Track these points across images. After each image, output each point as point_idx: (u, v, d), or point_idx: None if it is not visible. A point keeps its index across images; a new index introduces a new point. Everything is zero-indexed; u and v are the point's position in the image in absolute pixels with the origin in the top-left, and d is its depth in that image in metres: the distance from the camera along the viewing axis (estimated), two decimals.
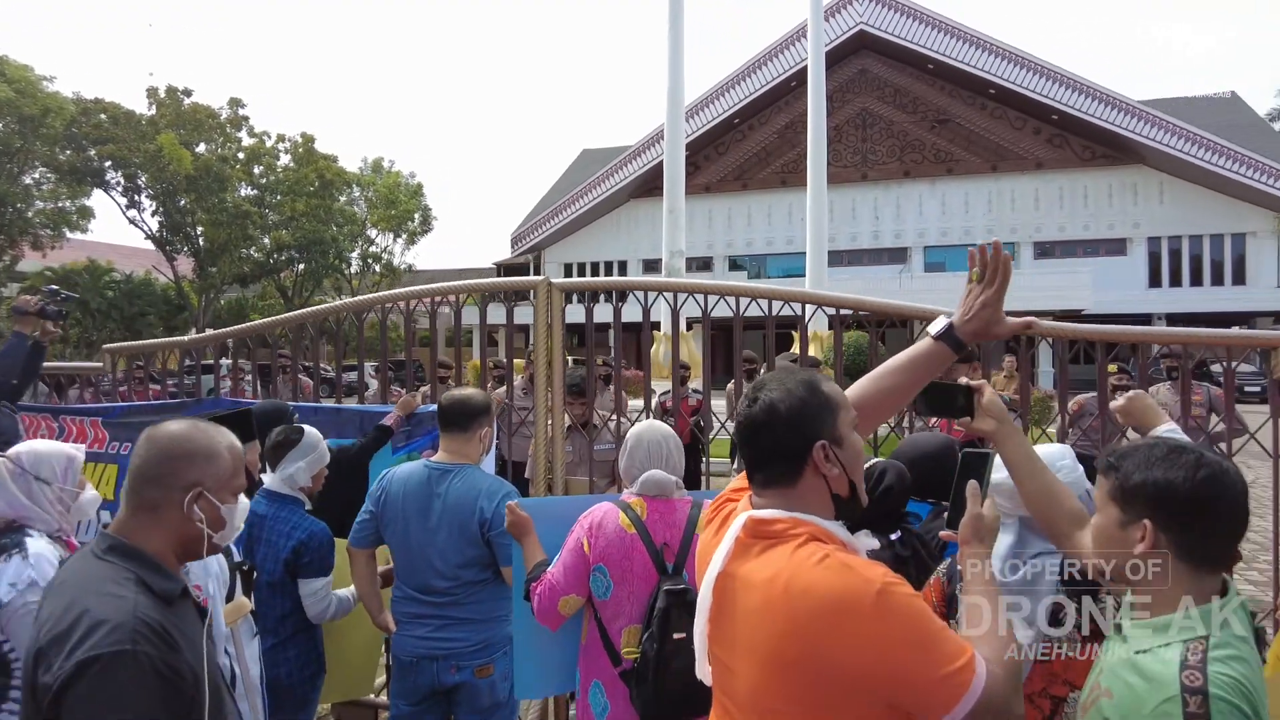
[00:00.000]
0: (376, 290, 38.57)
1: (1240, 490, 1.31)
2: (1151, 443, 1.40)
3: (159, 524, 1.47)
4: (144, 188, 28.95)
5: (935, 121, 32.29)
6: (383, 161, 38.60)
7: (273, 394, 6.63)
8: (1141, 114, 28.27)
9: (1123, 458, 1.39)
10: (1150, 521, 1.31)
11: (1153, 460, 1.34)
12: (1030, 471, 1.65)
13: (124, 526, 1.46)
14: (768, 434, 1.37)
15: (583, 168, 39.62)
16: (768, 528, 1.33)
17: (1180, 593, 1.31)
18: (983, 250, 1.56)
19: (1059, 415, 3.45)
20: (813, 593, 1.21)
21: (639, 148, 33.56)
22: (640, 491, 2.30)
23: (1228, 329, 2.79)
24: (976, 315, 1.57)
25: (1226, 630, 1.26)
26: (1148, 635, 1.32)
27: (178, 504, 1.47)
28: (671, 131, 11.68)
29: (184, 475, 1.49)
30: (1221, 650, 1.22)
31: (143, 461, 1.49)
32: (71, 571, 1.41)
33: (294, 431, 2.83)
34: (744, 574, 1.32)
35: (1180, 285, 30.68)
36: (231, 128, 31.32)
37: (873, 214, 33.42)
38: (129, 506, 1.48)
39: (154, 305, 29.91)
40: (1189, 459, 1.31)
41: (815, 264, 13.33)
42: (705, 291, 3.35)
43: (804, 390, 1.37)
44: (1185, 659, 1.22)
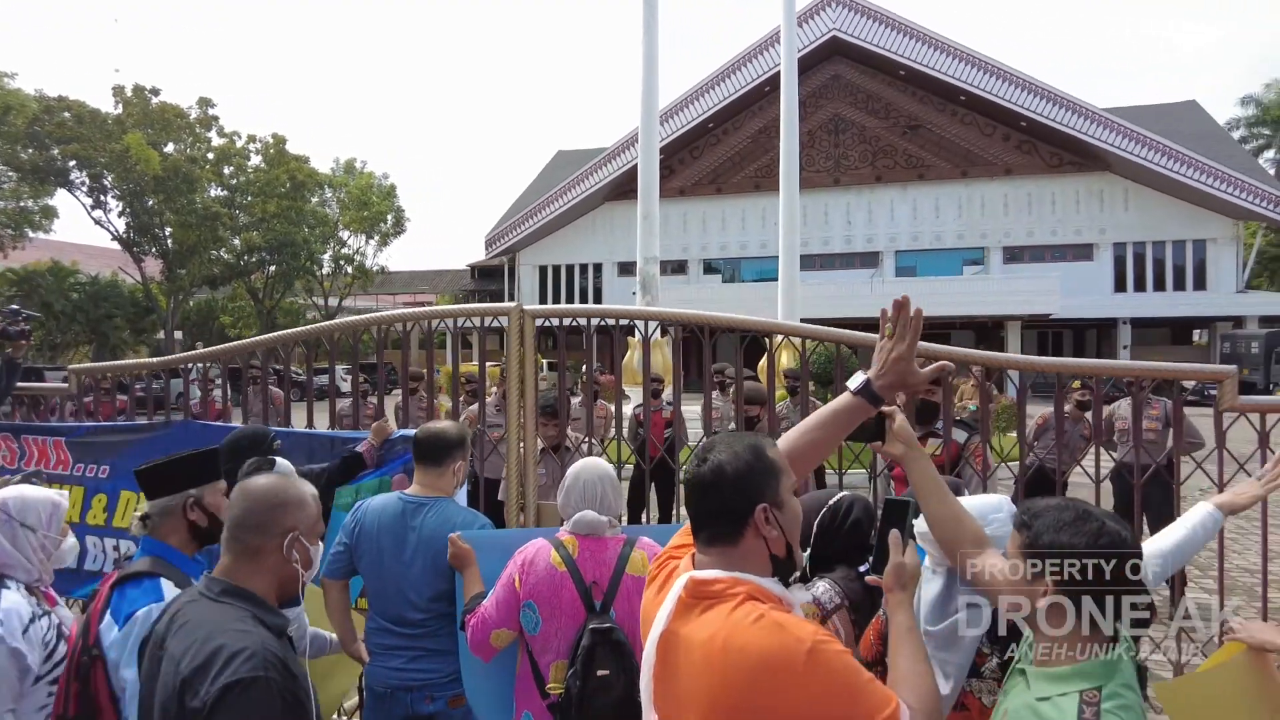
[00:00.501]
0: (348, 292, 38.24)
1: (1134, 558, 1.45)
2: (1061, 505, 1.51)
3: (261, 568, 1.67)
4: (110, 188, 28.43)
5: (907, 127, 32.69)
6: (355, 162, 38.30)
7: (243, 404, 6.57)
8: (1106, 122, 28.86)
9: (1035, 517, 1.51)
10: (1053, 581, 1.45)
11: (1061, 524, 1.46)
12: (936, 495, 1.77)
13: (231, 571, 1.66)
14: (714, 494, 1.44)
15: (558, 169, 39.58)
16: (708, 588, 1.39)
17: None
18: (895, 306, 1.66)
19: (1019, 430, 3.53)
20: (748, 651, 1.29)
21: (614, 150, 33.60)
22: (573, 530, 2.38)
23: (1174, 364, 2.88)
24: (890, 369, 1.65)
25: (1117, 680, 1.39)
26: (1048, 683, 1.43)
27: (277, 548, 1.68)
28: (645, 138, 11.72)
29: (281, 522, 1.70)
30: (1112, 701, 1.36)
31: (244, 512, 1.69)
32: (195, 612, 1.59)
33: (265, 463, 2.83)
34: (686, 633, 1.38)
35: (1144, 290, 31.36)
36: (201, 128, 30.89)
37: (845, 219, 33.76)
38: (232, 553, 1.67)
39: (121, 307, 29.36)
40: (1090, 527, 1.44)
41: (788, 268, 13.40)
42: (676, 321, 3.39)
43: (750, 455, 1.45)
44: (1081, 710, 1.35)
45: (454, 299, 47.03)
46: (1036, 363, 2.97)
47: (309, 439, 3.72)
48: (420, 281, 52.07)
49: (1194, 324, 33.82)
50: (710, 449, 1.49)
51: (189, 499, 2.24)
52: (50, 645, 2.21)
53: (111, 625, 2.00)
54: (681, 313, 3.42)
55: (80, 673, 2.00)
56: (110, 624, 2.01)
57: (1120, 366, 2.96)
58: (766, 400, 3.95)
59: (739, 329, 3.35)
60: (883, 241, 33.45)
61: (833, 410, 1.67)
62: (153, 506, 2.27)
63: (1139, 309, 30.64)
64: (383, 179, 38.18)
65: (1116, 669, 1.41)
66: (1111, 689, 1.38)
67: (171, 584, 2.08)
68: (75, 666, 2.02)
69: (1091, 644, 1.44)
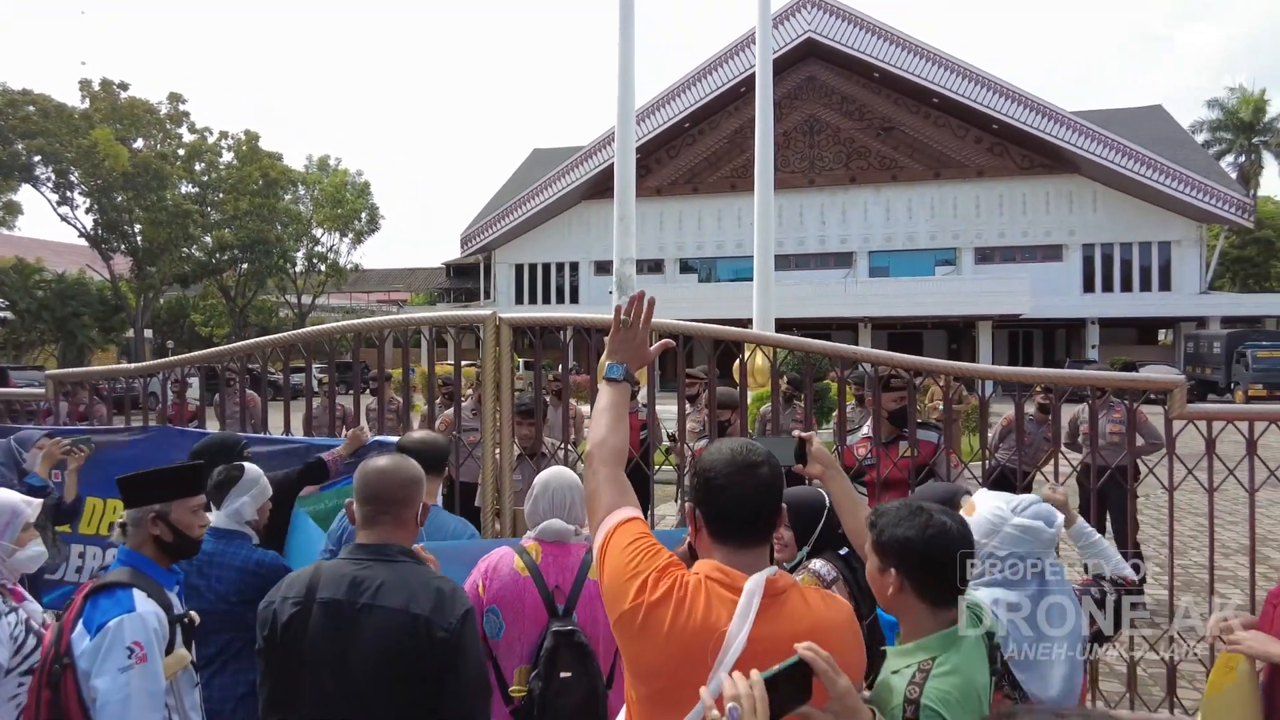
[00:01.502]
0: (322, 290, 37.85)
1: (960, 542, 1.64)
2: (899, 504, 1.70)
3: (407, 533, 2.00)
4: (77, 184, 27.88)
5: (881, 129, 33.04)
6: (329, 160, 37.87)
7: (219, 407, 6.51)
8: (1075, 125, 29.39)
9: (880, 516, 1.69)
10: (895, 569, 1.63)
11: (898, 520, 1.65)
12: (850, 508, 2.07)
13: (390, 537, 1.95)
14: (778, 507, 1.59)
15: (534, 167, 39.48)
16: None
17: (923, 622, 1.62)
18: (631, 300, 1.88)
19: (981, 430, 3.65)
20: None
21: (591, 149, 33.60)
22: (538, 537, 2.43)
23: (1126, 374, 3.00)
24: (628, 350, 1.87)
25: (953, 651, 1.57)
26: (898, 658, 1.62)
27: (413, 518, 2.01)
28: (622, 139, 11.76)
29: (419, 497, 2.03)
30: (941, 668, 1.53)
31: (392, 488, 1.96)
32: (386, 573, 1.88)
33: (234, 469, 2.89)
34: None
35: (1112, 290, 31.98)
36: (171, 123, 30.36)
37: (819, 219, 34.06)
38: (383, 524, 1.95)
39: (88, 306, 28.76)
40: (921, 520, 1.63)
41: (762, 269, 13.50)
42: (652, 330, 3.45)
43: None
44: (913, 676, 1.54)
45: (429, 297, 46.73)
46: (996, 371, 3.07)
47: (283, 445, 3.73)
48: (395, 280, 51.69)
49: (1160, 324, 34.55)
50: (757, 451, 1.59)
51: (152, 513, 2.26)
52: (19, 640, 2.24)
53: (84, 635, 2.04)
54: (658, 322, 3.47)
55: (51, 680, 2.03)
56: (82, 633, 2.04)
57: (1075, 376, 3.07)
58: (738, 405, 4.03)
59: (712, 338, 3.42)
60: (856, 242, 33.78)
61: (612, 403, 1.81)
62: (128, 515, 2.30)
63: (1106, 309, 31.24)
64: (356, 176, 37.80)
65: (956, 641, 1.59)
66: (945, 658, 1.55)
67: (144, 595, 2.11)
68: (47, 675, 2.05)
69: (933, 621, 1.62)
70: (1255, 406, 2.87)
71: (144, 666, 2.00)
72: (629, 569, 1.49)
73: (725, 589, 1.45)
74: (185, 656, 2.16)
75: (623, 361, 1.85)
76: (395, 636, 1.80)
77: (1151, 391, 3.04)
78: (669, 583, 1.45)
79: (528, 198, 35.19)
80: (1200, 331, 29.41)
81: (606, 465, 1.70)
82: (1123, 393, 6.37)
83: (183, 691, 2.20)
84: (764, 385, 9.60)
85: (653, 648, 1.42)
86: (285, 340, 3.74)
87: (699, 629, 1.40)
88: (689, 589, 1.44)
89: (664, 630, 1.41)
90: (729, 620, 1.40)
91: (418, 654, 1.79)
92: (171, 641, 2.16)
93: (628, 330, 1.86)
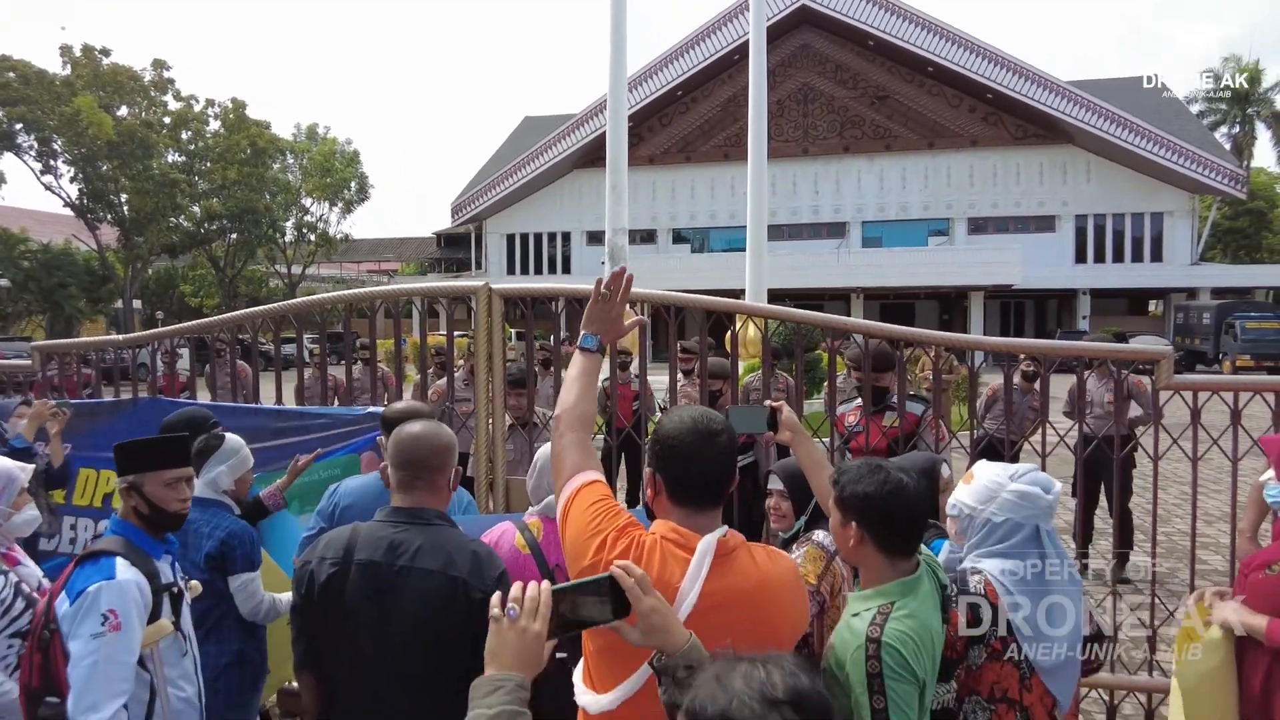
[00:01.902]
0: (312, 260, 37.58)
1: (916, 498, 1.76)
2: (860, 463, 1.82)
3: (441, 497, 2.05)
4: (60, 152, 27.46)
5: (875, 98, 32.78)
6: (317, 128, 37.38)
7: (209, 379, 6.48)
8: (1070, 95, 29.23)
9: (842, 474, 1.83)
10: (856, 523, 1.76)
11: (859, 477, 1.77)
12: (817, 471, 2.20)
13: (425, 500, 2.01)
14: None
15: (525, 136, 39.06)
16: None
17: (882, 570, 1.76)
18: (613, 276, 1.91)
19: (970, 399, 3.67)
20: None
21: (583, 117, 33.25)
22: (541, 513, 2.40)
23: (1114, 345, 3.02)
24: (604, 322, 1.91)
25: (911, 597, 1.71)
26: (858, 602, 1.77)
27: (446, 483, 2.06)
28: (614, 107, 11.63)
29: (450, 462, 2.07)
30: (900, 611, 1.67)
31: (428, 454, 2.01)
32: (423, 536, 1.93)
33: (214, 438, 2.92)
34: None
35: (1104, 261, 32.04)
36: (156, 91, 29.85)
37: (813, 189, 33.89)
38: (418, 489, 2.00)
39: (75, 276, 28.43)
40: (880, 477, 1.75)
41: (755, 239, 13.42)
42: (643, 301, 3.45)
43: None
44: (874, 618, 1.67)
45: (420, 267, 46.44)
46: (985, 342, 3.09)
47: (276, 414, 3.73)
48: (385, 249, 51.33)
49: (1150, 295, 34.69)
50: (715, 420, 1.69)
51: (124, 484, 2.27)
52: (6, 602, 2.28)
53: (64, 600, 2.07)
54: (649, 293, 3.48)
55: (41, 644, 2.08)
56: (63, 599, 2.08)
57: (1064, 347, 3.09)
58: (729, 375, 4.05)
59: (704, 309, 3.42)
60: (850, 212, 33.68)
61: (583, 370, 1.87)
62: (119, 484, 2.30)
63: (1098, 280, 31.32)
64: (346, 145, 37.37)
65: (913, 588, 1.73)
66: (903, 603, 1.69)
67: (127, 564, 2.12)
68: (37, 639, 2.10)
69: (891, 571, 1.75)
70: (1240, 377, 2.90)
71: (117, 635, 2.01)
72: (590, 528, 1.57)
73: (679, 548, 1.54)
74: (166, 627, 2.17)
75: (597, 333, 1.90)
76: (433, 598, 1.86)
77: (1139, 362, 3.06)
78: (626, 542, 1.54)
79: (519, 166, 34.86)
80: (1190, 303, 29.54)
81: (573, 430, 1.76)
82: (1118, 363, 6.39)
83: (164, 660, 2.21)
84: (755, 356, 9.61)
85: None
86: (276, 311, 3.73)
87: (654, 585, 1.46)
88: (645, 548, 1.54)
89: None
90: (682, 577, 1.49)
91: (456, 615, 1.85)
92: (157, 611, 2.18)
93: (605, 303, 1.90)
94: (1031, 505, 1.94)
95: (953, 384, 10.68)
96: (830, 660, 1.76)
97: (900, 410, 3.53)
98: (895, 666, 1.61)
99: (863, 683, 1.62)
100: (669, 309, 3.50)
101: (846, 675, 1.67)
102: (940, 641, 1.76)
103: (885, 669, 1.61)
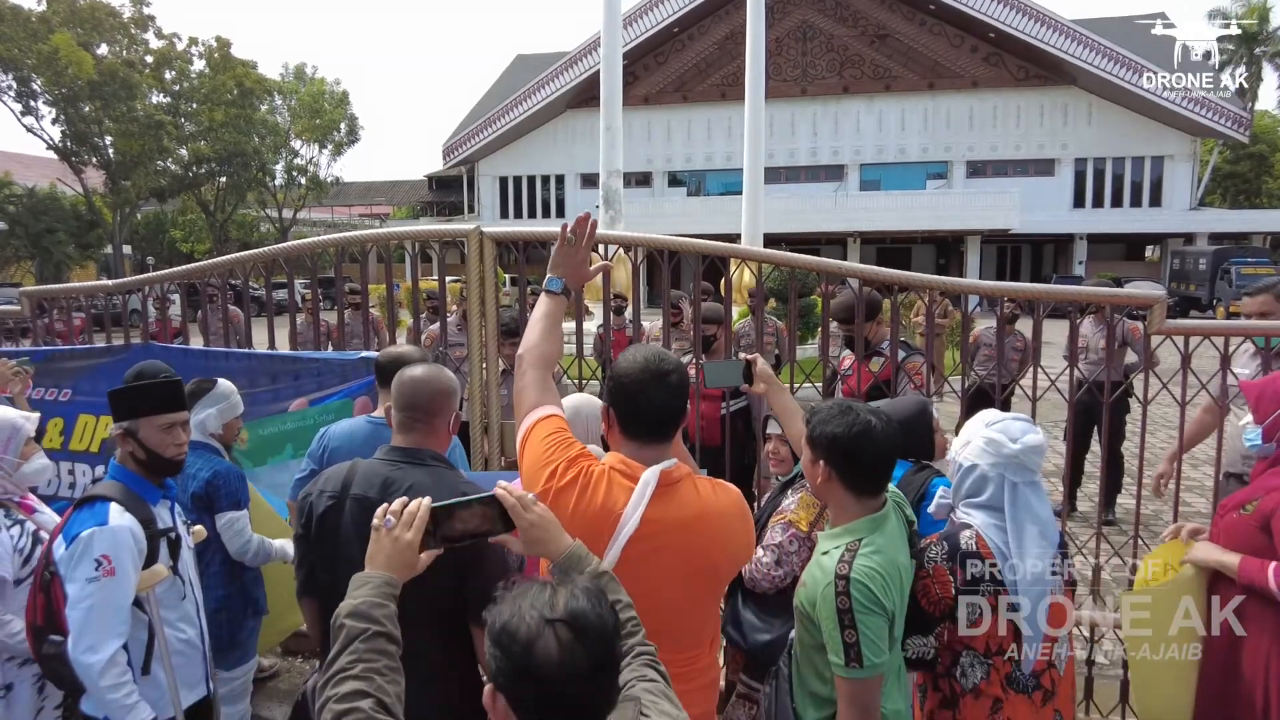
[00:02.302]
0: (303, 204, 37.11)
1: (884, 442, 1.80)
2: (831, 404, 1.89)
3: (439, 440, 2.06)
4: (40, 92, 26.81)
5: (875, 36, 32.02)
6: (305, 68, 36.49)
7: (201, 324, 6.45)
8: (1074, 34, 28.58)
9: (814, 414, 1.89)
10: (824, 462, 1.83)
11: (829, 418, 1.83)
12: (790, 418, 2.29)
13: (423, 442, 2.01)
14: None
15: (518, 75, 38.14)
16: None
17: (848, 509, 1.83)
18: (578, 221, 1.96)
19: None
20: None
21: (576, 55, 32.46)
22: None
23: (1106, 289, 3.02)
24: (570, 266, 1.97)
25: (878, 534, 1.78)
26: (828, 540, 1.84)
27: (445, 426, 2.06)
28: (608, 44, 11.35)
29: (451, 406, 2.08)
30: (868, 548, 1.75)
31: (428, 398, 2.01)
32: (416, 475, 1.94)
33: (205, 382, 2.97)
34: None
35: (1102, 206, 31.80)
36: (136, 28, 29.03)
37: (811, 130, 33.34)
38: (417, 430, 2.01)
39: (63, 221, 28.02)
40: (849, 418, 1.81)
41: (752, 182, 13.24)
42: (637, 245, 3.42)
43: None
44: (843, 555, 1.74)
45: (411, 211, 45.89)
46: (979, 286, 3.08)
47: (270, 360, 3.73)
48: (376, 193, 50.61)
49: (1148, 240, 34.53)
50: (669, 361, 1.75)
51: (121, 429, 2.28)
52: (24, 551, 2.34)
53: (61, 543, 2.12)
54: (642, 236, 3.44)
55: (43, 586, 2.15)
56: (60, 542, 2.12)
57: (1056, 291, 3.09)
58: (723, 319, 4.04)
59: (698, 252, 3.39)
60: (848, 154, 33.21)
61: (548, 313, 1.92)
62: (113, 430, 2.31)
63: (1095, 225, 31.14)
64: (335, 85, 36.55)
65: (880, 525, 1.80)
66: (870, 540, 1.76)
67: (121, 509, 2.15)
68: (39, 581, 2.17)
69: (859, 508, 1.82)
70: (1231, 322, 2.93)
71: (110, 580, 2.05)
72: (543, 458, 1.67)
73: (625, 478, 1.63)
74: (161, 571, 2.20)
75: (563, 276, 1.96)
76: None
77: (1132, 307, 3.07)
78: (575, 471, 1.64)
79: (510, 107, 34.13)
80: (1186, 248, 29.43)
81: (535, 369, 1.84)
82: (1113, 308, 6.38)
83: (162, 603, 2.26)
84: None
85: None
86: (267, 255, 3.69)
87: (599, 511, 1.59)
88: (592, 477, 1.63)
89: (568, 512, 1.58)
90: (625, 504, 1.59)
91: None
92: (154, 556, 2.21)
93: (571, 248, 1.95)
94: (995, 453, 1.91)
95: (946, 329, 10.70)
96: (802, 598, 1.83)
97: (893, 357, 3.55)
98: (864, 601, 1.68)
99: (833, 618, 1.70)
100: (663, 253, 3.48)
101: (818, 613, 1.74)
102: (909, 576, 1.83)
103: (855, 604, 1.68)
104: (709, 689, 1.77)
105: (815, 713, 1.84)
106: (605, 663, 1.07)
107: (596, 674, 1.04)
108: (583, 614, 1.05)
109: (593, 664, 1.03)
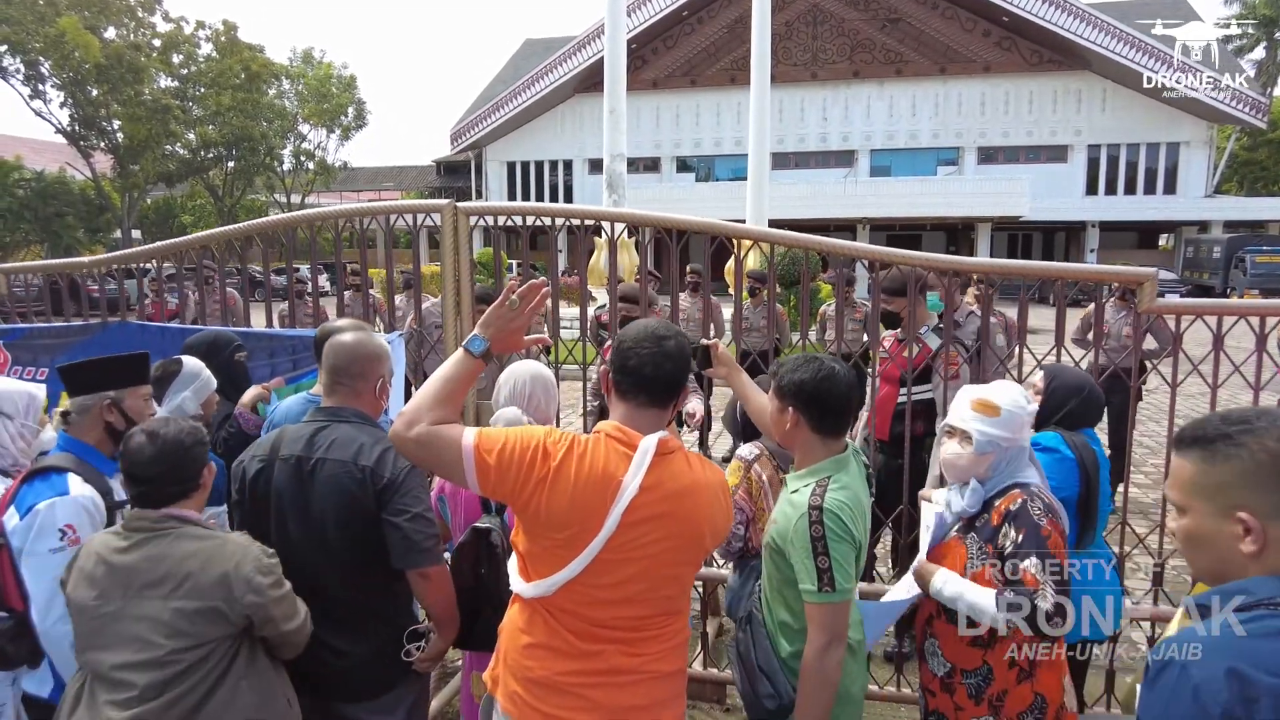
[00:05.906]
0: (310, 189, 37.16)
1: (846, 386, 1.95)
2: (797, 356, 2.03)
3: (364, 402, 2.15)
4: (48, 76, 26.88)
5: (886, 20, 31.61)
6: (313, 52, 36.44)
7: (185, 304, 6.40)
8: (1090, 18, 28.10)
9: (781, 366, 2.03)
10: (792, 408, 1.97)
11: (795, 368, 1.98)
12: (750, 397, 2.38)
13: (346, 402, 2.14)
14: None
15: (526, 59, 37.91)
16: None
17: (815, 452, 1.97)
18: (530, 289, 1.76)
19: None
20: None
21: (584, 39, 32.18)
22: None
23: (1098, 266, 2.93)
24: (494, 326, 1.73)
25: (844, 473, 1.93)
26: (797, 480, 1.98)
27: (372, 389, 2.17)
28: (612, 28, 11.24)
29: (378, 370, 2.18)
30: (836, 484, 1.89)
31: (348, 362, 2.13)
32: (341, 432, 2.08)
33: (172, 363, 2.86)
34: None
35: (1115, 193, 31.37)
36: (143, 11, 29.05)
37: (821, 115, 33.01)
38: (340, 393, 2.14)
39: (72, 205, 28.21)
40: (814, 365, 1.96)
41: (757, 167, 13.11)
42: (627, 221, 3.34)
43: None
44: (814, 490, 1.88)
45: (419, 196, 45.81)
46: (985, 264, 2.99)
47: (270, 339, 3.68)
48: (385, 178, 50.53)
49: (1161, 228, 34.10)
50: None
51: (106, 400, 2.28)
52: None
53: (13, 515, 2.09)
54: (650, 215, 3.33)
55: None
56: (12, 513, 2.09)
57: (1040, 268, 3.00)
58: (639, 299, 3.96)
59: (707, 233, 3.31)
60: (858, 140, 32.87)
61: (455, 376, 1.70)
62: (73, 404, 2.29)
63: (1108, 212, 30.75)
64: (342, 69, 36.51)
65: (845, 466, 1.95)
66: (838, 478, 1.91)
67: (80, 480, 2.13)
68: None
69: (824, 450, 1.97)
70: (1222, 300, 2.83)
71: (75, 550, 2.01)
72: (518, 456, 1.61)
73: (623, 445, 1.66)
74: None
75: (489, 339, 1.72)
76: (344, 483, 2.03)
77: (1122, 284, 2.97)
78: (567, 441, 1.64)
79: (518, 91, 33.92)
80: (1200, 236, 29.05)
81: (422, 430, 1.63)
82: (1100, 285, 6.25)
83: None
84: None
85: (564, 497, 1.59)
86: (241, 231, 3.63)
87: (601, 476, 1.62)
88: (589, 445, 1.64)
89: (571, 480, 1.60)
90: (625, 471, 1.62)
91: (364, 497, 2.03)
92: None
93: (512, 311, 1.74)
94: (1022, 413, 2.08)
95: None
96: (773, 534, 1.97)
97: (923, 342, 3.59)
98: (836, 529, 1.83)
99: (807, 547, 1.83)
100: (671, 233, 3.38)
101: (790, 545, 1.88)
102: (868, 513, 1.99)
103: (828, 531, 1.82)
104: (682, 647, 1.82)
105: (789, 645, 1.98)
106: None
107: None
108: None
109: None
